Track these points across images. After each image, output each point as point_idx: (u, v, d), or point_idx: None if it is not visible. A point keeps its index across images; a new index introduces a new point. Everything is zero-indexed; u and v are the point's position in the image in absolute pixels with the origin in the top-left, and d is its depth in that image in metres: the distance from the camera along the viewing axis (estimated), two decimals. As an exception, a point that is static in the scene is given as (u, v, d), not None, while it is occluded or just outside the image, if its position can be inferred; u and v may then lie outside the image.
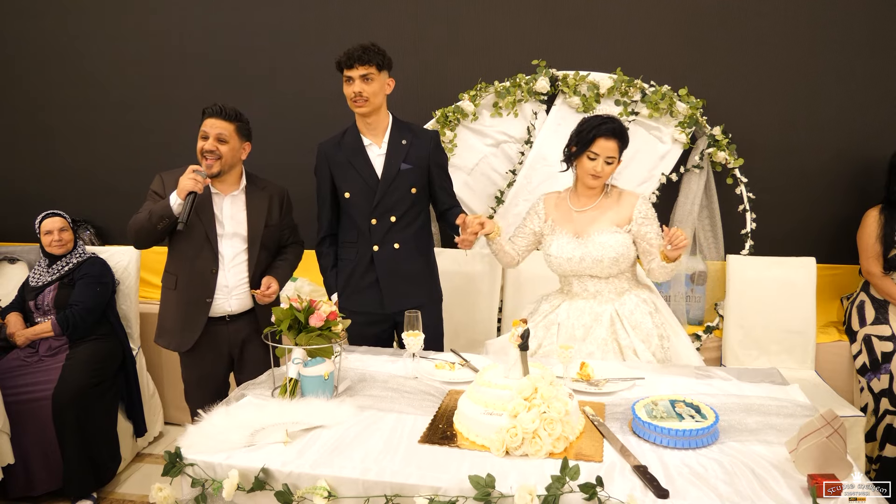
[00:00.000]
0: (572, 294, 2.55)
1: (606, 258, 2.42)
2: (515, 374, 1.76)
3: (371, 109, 2.60)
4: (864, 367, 3.06)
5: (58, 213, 3.25)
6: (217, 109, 2.54)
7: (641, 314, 2.47)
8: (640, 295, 2.52)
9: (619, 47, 3.41)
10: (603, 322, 2.45)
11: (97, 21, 3.87)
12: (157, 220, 2.43)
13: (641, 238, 2.46)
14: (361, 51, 2.52)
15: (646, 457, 1.60)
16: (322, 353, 1.99)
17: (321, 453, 1.63)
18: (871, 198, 3.25)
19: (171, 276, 2.63)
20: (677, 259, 2.35)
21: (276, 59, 3.73)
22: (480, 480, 1.46)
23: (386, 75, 2.62)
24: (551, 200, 2.61)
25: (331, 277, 2.81)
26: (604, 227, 2.45)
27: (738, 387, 2.06)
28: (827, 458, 1.46)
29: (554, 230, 2.54)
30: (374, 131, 2.68)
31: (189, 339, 2.60)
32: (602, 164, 2.40)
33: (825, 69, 3.31)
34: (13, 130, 4.13)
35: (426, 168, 2.72)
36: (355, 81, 2.55)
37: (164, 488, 1.64)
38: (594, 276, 2.49)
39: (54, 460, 2.87)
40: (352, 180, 2.68)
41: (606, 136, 2.38)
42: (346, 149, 2.69)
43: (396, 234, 2.69)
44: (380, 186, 2.65)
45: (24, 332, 3.11)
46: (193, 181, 2.39)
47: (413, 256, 2.73)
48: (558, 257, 2.49)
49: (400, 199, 2.67)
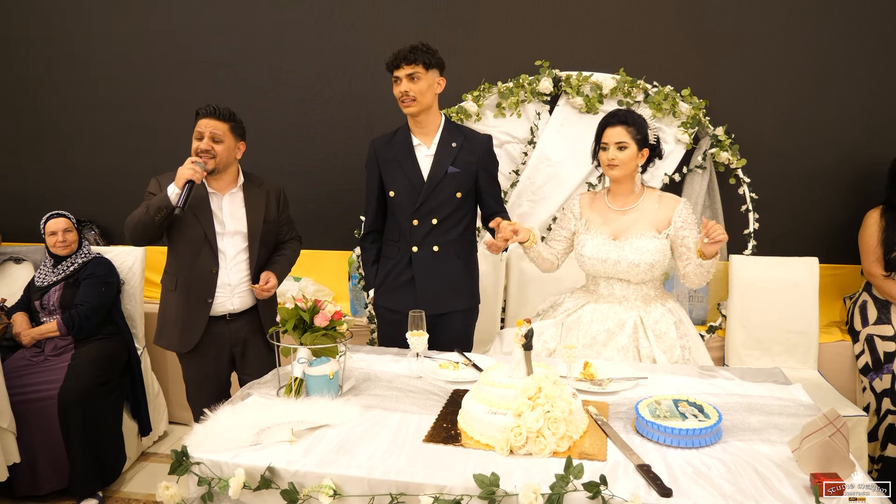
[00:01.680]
0: (598, 295, 2.52)
1: (643, 263, 2.39)
2: (519, 374, 1.76)
3: (419, 109, 2.58)
4: (866, 366, 3.07)
5: (62, 213, 3.27)
6: (211, 110, 2.55)
7: (666, 324, 2.44)
8: (665, 304, 2.50)
9: (621, 48, 3.41)
10: (626, 329, 2.42)
11: (103, 22, 3.89)
12: (155, 211, 2.42)
13: (679, 242, 2.42)
14: (408, 50, 2.52)
15: (649, 456, 1.61)
16: (327, 352, 2.00)
17: (327, 452, 1.63)
18: (873, 198, 3.25)
19: (172, 277, 2.64)
20: (715, 255, 2.29)
21: (279, 61, 3.74)
22: (485, 479, 1.47)
23: (436, 74, 2.60)
24: (586, 199, 2.60)
25: (370, 273, 2.80)
26: (642, 231, 2.43)
27: (741, 386, 2.06)
28: (830, 458, 1.46)
29: (588, 229, 2.52)
30: (425, 131, 2.66)
31: (190, 339, 2.61)
32: (613, 150, 2.39)
33: (828, 69, 3.31)
34: (19, 131, 4.14)
35: (474, 173, 2.68)
36: (402, 81, 2.54)
37: (171, 487, 1.65)
38: (624, 280, 2.47)
39: (60, 459, 2.89)
40: (398, 179, 2.66)
41: (611, 124, 2.41)
42: (396, 147, 2.68)
43: (437, 236, 2.66)
44: (424, 188, 2.62)
45: (30, 331, 3.13)
46: (192, 170, 2.39)
47: (452, 260, 2.69)
48: (592, 258, 2.46)
49: (444, 202, 2.64)
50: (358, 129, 3.69)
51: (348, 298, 3.64)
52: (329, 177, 3.76)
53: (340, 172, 3.73)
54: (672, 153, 3.35)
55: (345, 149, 3.71)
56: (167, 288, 2.66)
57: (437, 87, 2.62)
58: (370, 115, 3.65)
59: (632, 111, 2.46)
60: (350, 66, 3.67)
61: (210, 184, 2.61)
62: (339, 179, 3.75)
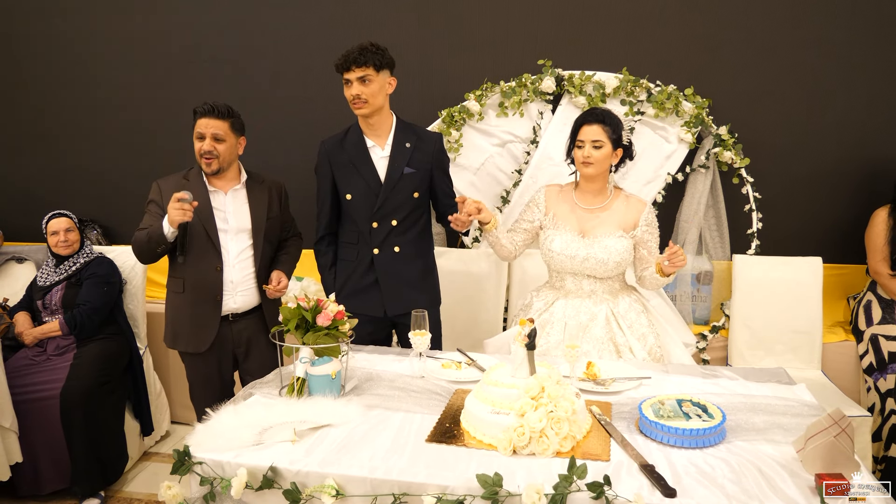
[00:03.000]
0: (566, 291, 2.55)
1: (611, 261, 2.44)
2: (522, 374, 1.76)
3: (371, 111, 2.56)
4: (870, 366, 3.06)
5: (64, 213, 3.26)
6: (209, 108, 2.53)
7: (636, 314, 2.51)
8: (630, 295, 2.56)
9: (624, 47, 3.40)
10: (599, 321, 2.47)
11: (105, 22, 3.89)
12: (155, 245, 2.45)
13: (642, 245, 2.49)
14: (358, 52, 2.48)
15: (653, 456, 1.60)
16: (329, 352, 2.00)
17: (329, 452, 1.63)
18: (877, 198, 3.24)
19: (178, 279, 2.63)
20: (671, 275, 2.40)
21: (281, 59, 3.74)
22: (488, 479, 1.46)
23: (387, 75, 2.57)
24: (553, 193, 2.61)
25: (329, 277, 2.78)
26: (610, 230, 2.46)
27: (745, 386, 2.05)
28: (835, 458, 1.46)
29: (556, 224, 2.53)
30: (378, 132, 2.65)
31: (206, 338, 2.60)
32: (589, 148, 2.42)
33: (832, 68, 3.30)
34: (21, 131, 4.14)
35: (429, 172, 2.69)
36: (353, 84, 2.52)
37: (173, 486, 1.65)
38: (591, 276, 2.50)
39: (62, 459, 2.89)
40: (354, 182, 2.65)
41: (588, 123, 2.43)
42: (349, 149, 2.66)
43: (397, 237, 2.67)
44: (382, 190, 2.62)
45: (32, 331, 3.13)
46: (181, 212, 2.33)
47: (413, 259, 2.71)
48: (561, 254, 2.48)
49: (402, 203, 2.65)
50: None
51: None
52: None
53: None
54: (675, 152, 3.35)
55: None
56: (174, 291, 2.65)
57: (388, 88, 2.60)
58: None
59: (609, 111, 2.49)
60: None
61: (212, 182, 2.61)
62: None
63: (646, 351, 2.45)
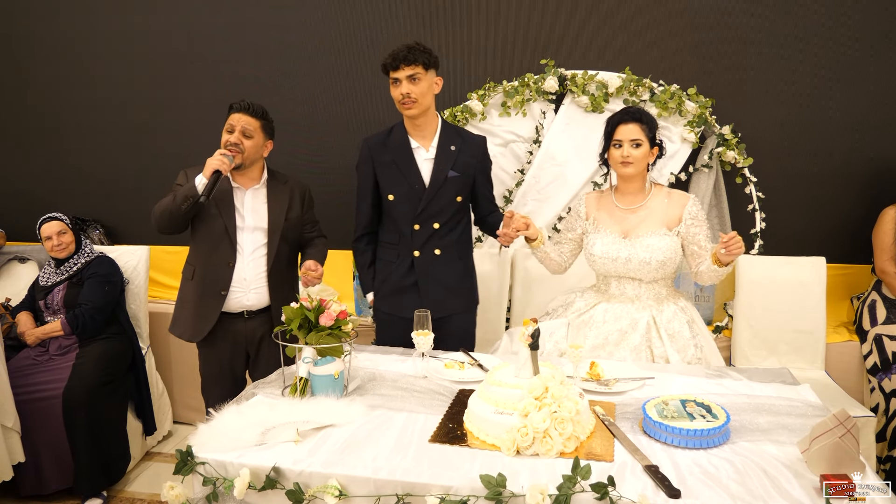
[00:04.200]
0: (609, 295, 2.50)
1: (654, 260, 2.38)
2: (526, 374, 1.76)
3: (420, 111, 2.53)
4: (874, 366, 3.05)
5: (54, 216, 3.21)
6: (245, 105, 2.59)
7: (679, 323, 2.42)
8: (678, 303, 2.49)
9: (627, 47, 3.40)
10: (639, 329, 2.40)
11: (106, 22, 3.89)
12: (182, 200, 2.46)
13: (690, 240, 2.41)
14: (406, 50, 2.46)
15: (657, 456, 1.60)
16: (332, 352, 1.99)
17: (332, 452, 1.63)
18: (881, 197, 3.23)
19: (190, 266, 2.68)
20: (730, 263, 2.30)
21: (283, 60, 3.73)
22: (491, 480, 1.46)
23: (433, 74, 2.55)
24: (592, 199, 2.58)
25: (367, 276, 2.76)
26: (652, 229, 2.41)
27: (749, 386, 2.05)
28: (840, 459, 1.45)
29: (598, 228, 2.49)
30: (423, 133, 2.62)
31: (202, 329, 2.62)
32: (628, 147, 2.37)
33: (835, 67, 3.29)
34: (22, 130, 4.15)
35: (472, 176, 2.67)
36: (402, 83, 2.49)
37: (176, 486, 1.65)
38: (635, 279, 2.45)
39: (65, 459, 2.89)
40: (397, 183, 2.61)
41: (625, 122, 2.39)
42: (393, 149, 2.62)
43: (438, 240, 2.64)
44: (426, 193, 2.58)
45: (35, 331, 3.13)
46: (220, 161, 2.45)
47: (453, 262, 2.68)
48: (603, 257, 2.44)
49: (445, 206, 2.62)
50: (360, 129, 3.66)
51: (353, 298, 3.64)
52: (331, 177, 3.75)
53: (342, 172, 3.71)
54: (678, 152, 3.34)
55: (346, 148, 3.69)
56: (185, 277, 2.70)
57: (435, 88, 2.59)
58: (373, 115, 3.63)
59: (643, 109, 2.45)
60: (353, 66, 3.65)
61: (235, 178, 2.65)
62: (340, 179, 3.72)
63: (685, 363, 2.36)
